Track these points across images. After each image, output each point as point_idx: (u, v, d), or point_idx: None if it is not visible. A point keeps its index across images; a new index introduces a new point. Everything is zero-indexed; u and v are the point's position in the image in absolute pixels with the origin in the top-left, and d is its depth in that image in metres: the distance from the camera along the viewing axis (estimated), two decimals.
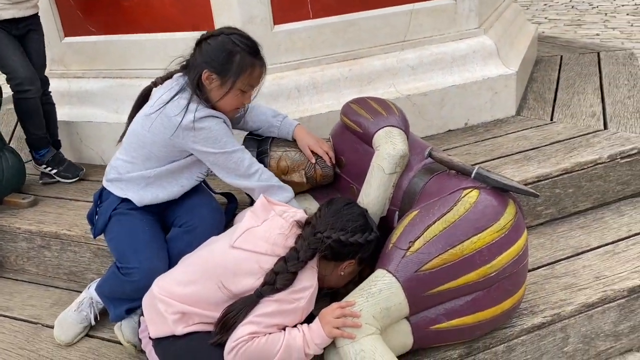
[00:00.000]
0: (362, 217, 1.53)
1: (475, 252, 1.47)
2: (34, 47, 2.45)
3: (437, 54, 2.60)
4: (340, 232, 1.46)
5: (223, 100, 1.69)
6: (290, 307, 1.41)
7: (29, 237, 2.14)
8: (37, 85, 2.38)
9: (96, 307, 1.80)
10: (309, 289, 1.43)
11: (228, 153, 1.68)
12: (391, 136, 1.73)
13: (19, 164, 2.34)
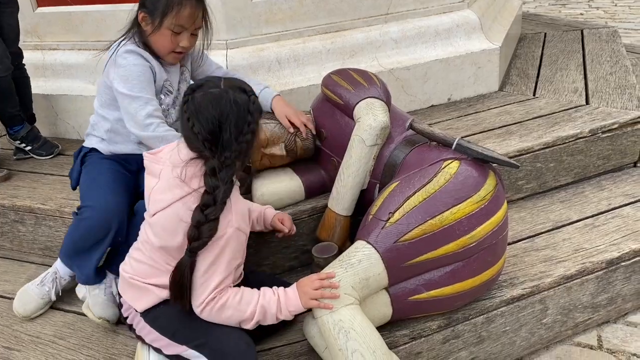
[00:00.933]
0: (237, 104, 1.32)
1: (454, 222, 1.46)
2: (7, 21, 2.36)
3: (420, 27, 2.57)
4: (239, 140, 1.31)
5: (154, 40, 1.67)
6: (228, 241, 1.34)
7: (2, 211, 2.09)
8: (6, 64, 2.30)
9: (59, 282, 1.76)
10: (234, 213, 1.34)
11: (132, 97, 1.63)
12: (372, 108, 1.70)
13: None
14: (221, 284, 1.35)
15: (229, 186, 1.31)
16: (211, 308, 1.35)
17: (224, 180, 1.30)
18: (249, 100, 1.32)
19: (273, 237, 1.81)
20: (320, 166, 1.92)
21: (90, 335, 1.68)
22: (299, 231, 1.86)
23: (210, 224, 1.30)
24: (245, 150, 1.33)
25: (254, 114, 1.33)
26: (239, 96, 1.31)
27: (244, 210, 1.39)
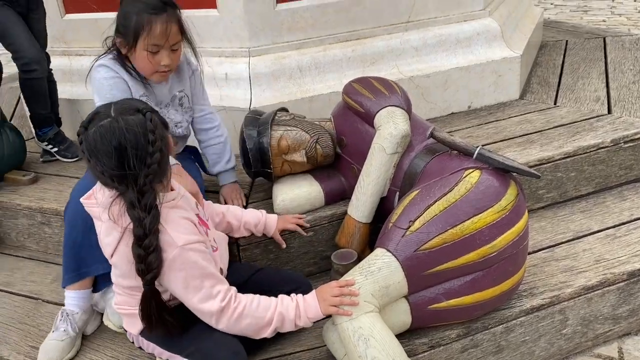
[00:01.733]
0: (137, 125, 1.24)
1: (475, 232, 1.46)
2: (36, 27, 2.43)
3: (441, 35, 2.58)
4: (148, 163, 1.24)
5: (135, 62, 1.67)
6: (184, 260, 1.30)
7: (30, 213, 2.14)
8: (44, 66, 2.37)
9: (72, 318, 1.67)
10: (172, 232, 1.30)
11: None
12: (393, 116, 1.72)
13: (19, 141, 2.33)
14: (219, 292, 1.35)
15: (154, 212, 1.26)
16: (228, 318, 1.36)
17: (147, 208, 1.25)
18: (144, 119, 1.24)
19: (292, 242, 1.83)
20: (340, 173, 1.93)
21: (113, 336, 1.72)
22: (319, 237, 1.88)
23: (153, 255, 1.27)
24: (160, 170, 1.28)
25: (156, 130, 1.25)
26: (132, 119, 1.23)
27: (183, 225, 1.34)
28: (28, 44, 2.30)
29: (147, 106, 1.30)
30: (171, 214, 1.33)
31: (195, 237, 1.34)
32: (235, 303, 1.37)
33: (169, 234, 1.29)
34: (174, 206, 1.36)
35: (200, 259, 1.33)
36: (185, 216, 1.36)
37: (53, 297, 1.91)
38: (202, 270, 1.33)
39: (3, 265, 2.15)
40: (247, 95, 2.29)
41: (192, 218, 1.39)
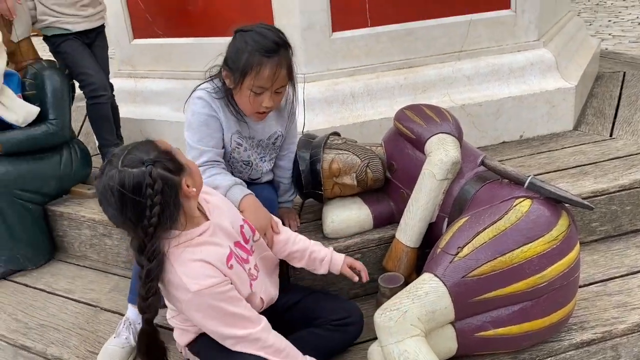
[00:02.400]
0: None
1: (525, 261, 1.46)
2: (100, 55, 2.60)
3: (494, 65, 2.59)
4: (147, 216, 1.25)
5: (237, 98, 1.67)
6: (201, 303, 1.33)
7: (92, 225, 2.27)
8: (109, 92, 2.53)
9: (134, 328, 1.75)
10: (185, 277, 1.31)
11: (190, 146, 1.68)
12: (444, 143, 1.74)
13: (86, 156, 2.48)
14: (248, 328, 1.39)
15: (158, 260, 1.29)
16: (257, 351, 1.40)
17: (150, 257, 1.28)
18: (144, 172, 1.24)
19: None
20: (389, 197, 1.96)
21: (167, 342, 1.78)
22: (366, 260, 1.91)
23: (154, 298, 1.30)
24: (163, 219, 1.28)
25: (155, 184, 1.24)
26: (134, 172, 1.24)
27: (196, 269, 1.33)
28: (95, 72, 2.46)
29: (155, 157, 1.28)
30: (184, 256, 1.34)
31: (210, 280, 1.33)
32: (259, 344, 1.39)
33: (180, 277, 1.31)
34: (196, 244, 1.36)
35: (218, 300, 1.34)
36: (199, 258, 1.35)
37: (110, 305, 2.01)
38: (222, 312, 1.35)
39: (66, 272, 2.27)
40: (301, 119, 2.36)
41: (215, 254, 1.38)
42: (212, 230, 1.41)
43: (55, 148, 2.34)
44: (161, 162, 1.27)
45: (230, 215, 1.52)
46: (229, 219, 1.50)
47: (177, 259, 1.33)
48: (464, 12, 2.54)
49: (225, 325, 1.37)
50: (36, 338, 1.87)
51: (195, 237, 1.37)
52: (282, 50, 1.62)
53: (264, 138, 1.82)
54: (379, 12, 2.44)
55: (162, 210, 1.26)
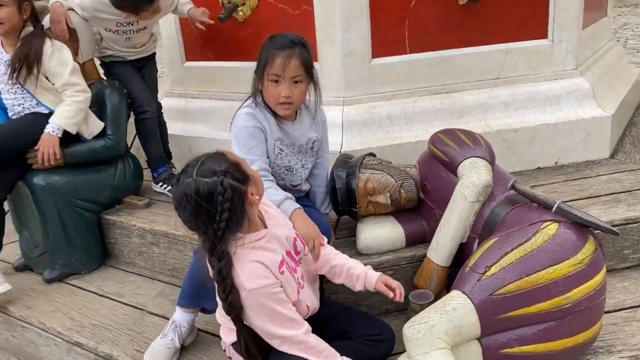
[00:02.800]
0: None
1: (550, 282, 1.51)
2: (149, 77, 2.81)
3: (530, 92, 2.65)
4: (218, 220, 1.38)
5: (265, 96, 1.84)
6: (254, 302, 1.44)
7: (142, 234, 2.43)
8: (154, 107, 2.72)
9: (180, 330, 1.85)
10: (243, 276, 1.44)
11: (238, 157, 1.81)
12: (476, 166, 1.82)
13: (138, 170, 2.66)
14: (292, 329, 1.50)
15: (226, 259, 1.42)
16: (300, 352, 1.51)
17: (219, 257, 1.41)
18: (216, 182, 1.36)
19: None
20: (422, 217, 2.04)
21: (207, 348, 1.90)
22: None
23: (232, 295, 1.44)
24: (231, 224, 1.39)
25: (225, 192, 1.36)
26: (207, 182, 1.36)
27: (253, 268, 1.46)
28: (141, 91, 2.67)
29: (223, 169, 1.40)
30: (244, 257, 1.47)
31: (265, 281, 1.46)
32: (302, 345, 1.51)
33: (238, 275, 1.45)
34: (255, 247, 1.49)
35: (270, 302, 1.46)
36: (257, 260, 1.47)
37: (156, 310, 2.15)
38: (271, 312, 1.47)
39: (116, 277, 2.44)
40: (339, 139, 2.48)
41: (270, 259, 1.50)
42: (269, 237, 1.54)
43: (110, 161, 2.53)
44: (231, 172, 1.41)
45: (285, 227, 1.65)
46: (283, 230, 1.63)
47: (238, 258, 1.46)
48: (501, 41, 2.62)
49: (274, 324, 1.48)
50: (89, 336, 2.03)
51: (255, 241, 1.51)
52: (297, 47, 1.79)
53: (303, 143, 1.96)
54: (418, 40, 2.55)
55: (230, 216, 1.39)
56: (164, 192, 2.72)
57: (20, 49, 2.23)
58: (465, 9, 2.53)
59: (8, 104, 2.34)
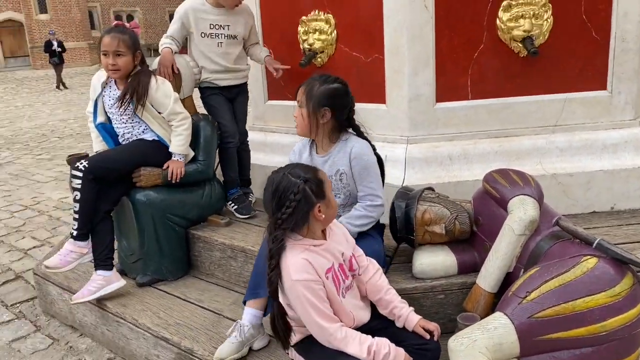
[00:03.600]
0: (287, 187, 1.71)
1: (586, 310, 1.67)
2: (239, 109, 3.18)
3: (587, 140, 2.79)
4: (282, 211, 1.69)
5: None
6: (298, 292, 1.69)
7: (223, 248, 2.75)
8: (237, 139, 3.09)
9: (243, 329, 2.10)
10: (291, 267, 1.70)
11: None
12: (524, 203, 2.01)
13: (222, 192, 3.02)
14: (327, 322, 1.72)
15: (279, 244, 1.71)
16: (332, 342, 1.73)
17: (275, 239, 1.71)
18: (297, 182, 1.70)
19: (425, 302, 2.16)
20: (473, 248, 2.23)
21: (273, 351, 2.16)
22: (448, 301, 2.18)
23: (274, 273, 1.71)
24: (291, 219, 1.70)
25: (297, 194, 1.69)
26: (290, 180, 1.71)
27: (300, 263, 1.71)
28: (229, 122, 3.04)
29: (308, 177, 1.72)
30: (296, 252, 1.73)
31: (307, 275, 1.71)
32: (336, 337, 1.74)
33: (288, 266, 1.72)
34: (309, 249, 1.75)
35: (309, 294, 1.70)
36: (307, 258, 1.73)
37: (231, 315, 2.43)
38: (311, 304, 1.71)
39: (197, 286, 2.76)
40: (401, 175, 2.72)
41: (319, 262, 1.75)
42: (325, 247, 1.81)
43: (199, 183, 2.90)
44: (310, 183, 1.73)
45: (344, 246, 1.91)
46: (341, 247, 1.88)
47: (291, 251, 1.75)
48: (560, 91, 2.79)
49: (310, 313, 1.72)
50: (173, 332, 2.34)
51: (310, 245, 1.78)
52: None
53: (332, 174, 2.21)
54: (480, 88, 2.77)
55: (292, 213, 1.70)
56: (231, 211, 3.07)
57: (130, 84, 2.65)
58: (525, 61, 2.74)
59: (120, 132, 2.76)
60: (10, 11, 26.24)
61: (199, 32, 2.95)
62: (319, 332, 1.75)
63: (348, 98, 2.22)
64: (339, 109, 2.19)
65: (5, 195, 5.64)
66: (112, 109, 2.71)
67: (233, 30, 2.98)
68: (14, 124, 10.95)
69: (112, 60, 2.60)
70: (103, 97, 2.74)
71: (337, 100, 2.18)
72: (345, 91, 2.22)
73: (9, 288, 3.44)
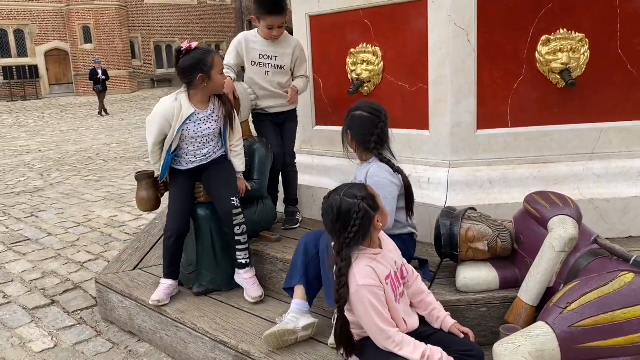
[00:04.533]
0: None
1: (624, 321, 1.79)
2: (287, 134, 3.40)
3: (623, 167, 2.91)
4: (348, 231, 1.90)
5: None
6: (362, 296, 1.88)
7: (274, 261, 2.94)
8: (280, 159, 3.31)
9: (288, 314, 2.42)
10: (357, 275, 1.90)
11: None
12: (564, 222, 2.15)
13: (273, 210, 3.22)
14: (386, 326, 1.89)
15: (347, 261, 1.91)
16: (388, 346, 1.89)
17: (343, 259, 1.91)
18: (356, 202, 1.90)
19: (468, 314, 2.29)
20: (515, 265, 2.37)
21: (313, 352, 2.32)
22: (491, 314, 2.31)
23: (343, 289, 1.90)
24: (357, 237, 1.91)
25: (359, 213, 1.89)
26: (349, 202, 1.91)
27: (365, 270, 1.92)
28: (275, 145, 3.26)
29: (364, 195, 1.94)
30: (361, 261, 1.95)
31: (372, 281, 1.91)
32: (393, 341, 1.90)
33: (354, 274, 1.92)
34: (372, 258, 1.97)
35: (373, 298, 1.89)
36: (370, 265, 1.94)
37: None
38: (373, 307, 1.90)
39: None
40: (443, 197, 2.88)
41: (381, 269, 1.96)
42: (383, 255, 2.00)
43: (253, 201, 3.11)
44: (367, 200, 1.93)
45: (397, 256, 2.11)
46: (393, 255, 2.08)
47: (357, 262, 1.94)
48: (597, 121, 2.93)
49: (371, 316, 1.90)
50: (231, 336, 2.52)
51: (373, 254, 1.97)
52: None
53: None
54: (519, 116, 2.94)
55: (358, 230, 1.90)
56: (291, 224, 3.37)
57: (225, 104, 2.87)
58: (563, 91, 2.90)
59: (202, 152, 2.85)
60: (57, 41, 27.50)
61: (249, 60, 3.21)
62: (378, 334, 1.91)
63: (370, 126, 2.48)
64: (357, 133, 2.51)
65: (58, 212, 5.98)
66: (203, 130, 2.80)
67: (280, 61, 3.22)
68: (61, 147, 11.49)
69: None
70: (186, 125, 2.77)
71: (356, 126, 2.52)
72: (369, 119, 2.48)
73: (69, 297, 3.68)
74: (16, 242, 4.95)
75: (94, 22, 26.87)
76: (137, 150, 10.44)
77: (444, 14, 2.84)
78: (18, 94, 26.18)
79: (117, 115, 18.02)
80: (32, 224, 5.52)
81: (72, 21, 26.96)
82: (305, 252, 2.45)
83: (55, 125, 16.18)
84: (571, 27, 2.84)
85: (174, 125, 2.76)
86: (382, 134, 2.49)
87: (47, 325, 3.28)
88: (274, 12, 3.05)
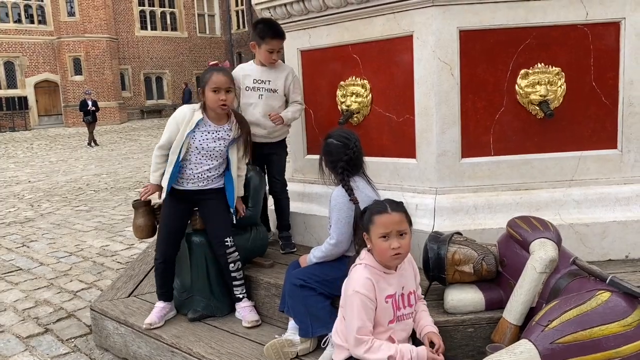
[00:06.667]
0: None
1: (602, 337, 1.90)
2: (277, 163, 3.52)
3: (601, 193, 3.05)
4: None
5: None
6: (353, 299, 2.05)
7: (267, 287, 3.02)
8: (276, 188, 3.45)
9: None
10: (356, 280, 2.07)
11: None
12: (544, 245, 2.27)
13: (266, 237, 3.31)
14: (360, 329, 2.01)
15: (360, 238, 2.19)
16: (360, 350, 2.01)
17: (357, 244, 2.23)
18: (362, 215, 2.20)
19: (456, 335, 2.38)
20: (499, 287, 2.47)
21: None
22: (478, 334, 2.40)
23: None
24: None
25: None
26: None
27: (364, 281, 2.07)
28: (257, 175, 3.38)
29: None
30: (363, 271, 2.11)
31: (366, 292, 2.06)
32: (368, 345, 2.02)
33: (353, 280, 2.10)
34: (376, 273, 2.11)
35: (361, 307, 2.04)
36: (371, 277, 2.08)
37: None
38: (359, 314, 2.03)
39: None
40: (431, 222, 3.00)
41: (382, 285, 2.10)
42: (393, 275, 2.14)
43: (246, 227, 3.20)
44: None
45: (408, 281, 2.23)
46: (405, 281, 2.21)
47: (359, 270, 2.11)
48: (574, 149, 3.09)
49: (358, 323, 2.03)
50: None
51: (378, 269, 2.12)
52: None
53: None
54: (502, 145, 3.08)
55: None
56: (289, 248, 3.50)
57: (241, 123, 2.98)
58: (542, 122, 3.06)
59: (198, 169, 2.90)
60: (47, 72, 27.71)
61: (244, 86, 3.36)
62: (352, 339, 2.04)
63: (339, 152, 2.64)
64: (328, 159, 2.72)
65: (50, 242, 6.00)
66: (209, 143, 2.89)
67: (274, 85, 3.37)
68: (50, 177, 11.51)
69: (223, 96, 2.84)
70: (194, 133, 2.86)
71: (327, 152, 2.72)
72: (338, 146, 2.66)
73: (63, 325, 3.71)
74: (8, 272, 4.97)
75: (85, 54, 27.18)
76: (127, 181, 10.50)
77: (429, 50, 3.00)
78: (6, 125, 26.22)
79: (107, 146, 18.08)
80: (23, 254, 5.54)
81: (62, 53, 27.25)
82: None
83: (44, 155, 16.19)
84: (548, 62, 3.02)
85: (182, 130, 2.87)
86: (351, 160, 2.64)
87: (42, 353, 3.30)
88: (277, 35, 3.27)
